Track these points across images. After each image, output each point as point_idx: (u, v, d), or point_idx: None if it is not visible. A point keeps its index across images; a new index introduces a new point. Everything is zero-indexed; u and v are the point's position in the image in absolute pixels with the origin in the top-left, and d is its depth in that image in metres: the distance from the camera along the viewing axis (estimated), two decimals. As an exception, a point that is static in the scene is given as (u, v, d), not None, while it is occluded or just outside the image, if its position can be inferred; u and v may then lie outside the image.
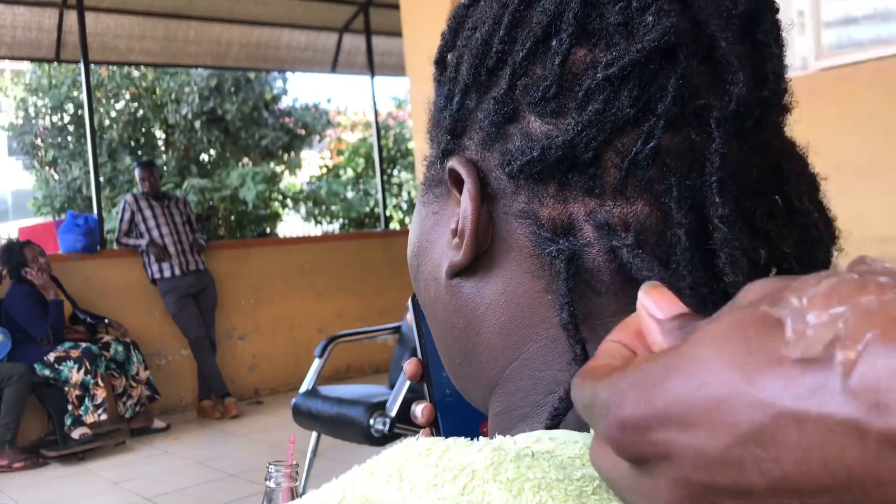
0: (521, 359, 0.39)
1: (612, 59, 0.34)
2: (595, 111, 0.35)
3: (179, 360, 5.44)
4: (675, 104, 0.35)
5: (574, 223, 0.36)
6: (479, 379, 0.42)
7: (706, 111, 0.35)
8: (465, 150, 0.40)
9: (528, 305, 0.38)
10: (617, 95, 0.34)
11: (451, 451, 0.32)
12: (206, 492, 3.66)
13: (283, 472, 0.76)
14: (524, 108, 0.37)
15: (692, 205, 0.35)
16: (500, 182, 0.38)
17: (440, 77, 0.43)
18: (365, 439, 2.92)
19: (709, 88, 0.35)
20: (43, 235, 6.12)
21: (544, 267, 0.37)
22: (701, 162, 0.35)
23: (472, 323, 0.41)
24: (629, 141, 0.35)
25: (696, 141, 0.35)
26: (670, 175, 0.35)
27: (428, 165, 0.44)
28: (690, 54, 0.35)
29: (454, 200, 0.40)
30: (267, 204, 10.93)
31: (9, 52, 5.91)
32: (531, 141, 0.37)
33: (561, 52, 0.36)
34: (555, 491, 0.31)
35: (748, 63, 0.36)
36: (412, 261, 0.45)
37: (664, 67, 0.35)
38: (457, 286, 0.41)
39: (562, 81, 0.36)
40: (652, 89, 0.35)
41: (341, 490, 0.33)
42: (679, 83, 0.34)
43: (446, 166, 0.40)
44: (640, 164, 0.35)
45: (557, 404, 0.36)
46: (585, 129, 0.35)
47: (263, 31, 6.75)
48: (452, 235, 0.40)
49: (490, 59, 0.38)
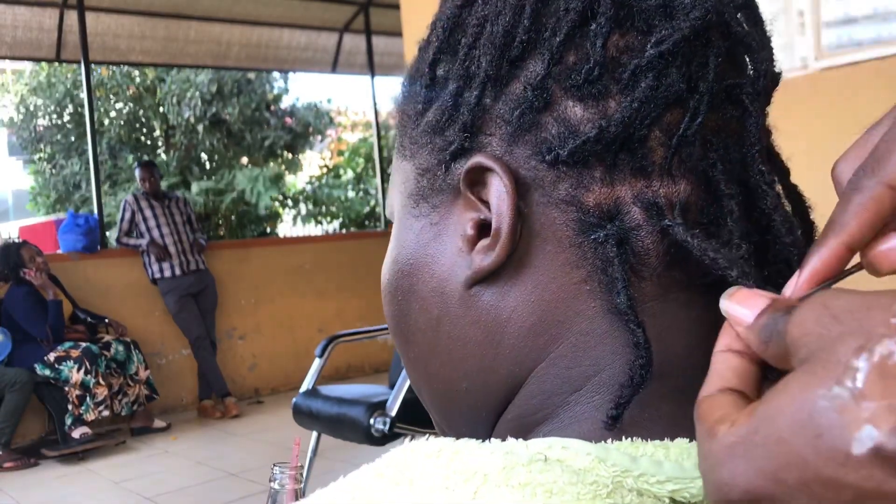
0: (550, 358, 0.38)
1: (662, 36, 0.35)
2: (648, 87, 0.35)
3: (180, 360, 5.44)
4: (717, 81, 0.36)
5: (621, 206, 0.36)
6: (485, 398, 0.40)
7: (738, 89, 0.37)
8: (484, 147, 0.38)
9: (562, 300, 0.37)
10: (667, 72, 0.35)
11: (463, 453, 0.32)
12: (207, 491, 3.66)
13: (288, 474, 0.76)
14: (560, 95, 0.37)
15: (737, 178, 0.37)
16: (535, 173, 0.37)
17: (430, 83, 0.41)
18: (365, 439, 2.92)
19: (734, 67, 0.38)
20: (43, 235, 6.13)
21: (586, 256, 0.36)
22: (739, 136, 0.37)
23: (492, 332, 0.39)
24: (674, 119, 0.36)
25: (734, 116, 0.37)
26: (713, 150, 0.36)
27: (418, 176, 0.42)
28: (720, 36, 0.37)
29: (463, 205, 0.39)
30: (266, 204, 10.93)
31: (9, 51, 5.91)
32: (570, 126, 0.36)
33: (601, 34, 0.36)
34: (567, 496, 0.30)
35: (760, 42, 0.38)
36: (401, 282, 0.43)
37: (705, 46, 0.36)
38: (475, 295, 0.39)
39: (604, 63, 0.36)
40: (694, 67, 0.36)
41: (350, 491, 0.32)
42: (718, 61, 0.36)
43: (459, 169, 0.38)
44: (688, 142, 0.36)
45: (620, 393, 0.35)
46: (642, 105, 0.35)
47: (264, 31, 6.74)
48: (464, 244, 0.39)
49: (513, 49, 0.38)
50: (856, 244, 0.29)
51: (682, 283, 0.37)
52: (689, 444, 0.34)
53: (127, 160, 10.07)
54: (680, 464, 0.33)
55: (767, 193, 0.36)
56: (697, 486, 0.33)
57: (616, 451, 0.33)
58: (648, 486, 0.32)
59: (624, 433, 0.35)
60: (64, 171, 10.47)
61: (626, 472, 0.32)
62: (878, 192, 0.28)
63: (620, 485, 0.32)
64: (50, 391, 4.46)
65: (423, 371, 0.43)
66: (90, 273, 5.13)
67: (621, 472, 0.32)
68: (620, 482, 0.32)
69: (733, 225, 0.36)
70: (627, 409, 0.35)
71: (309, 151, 12.31)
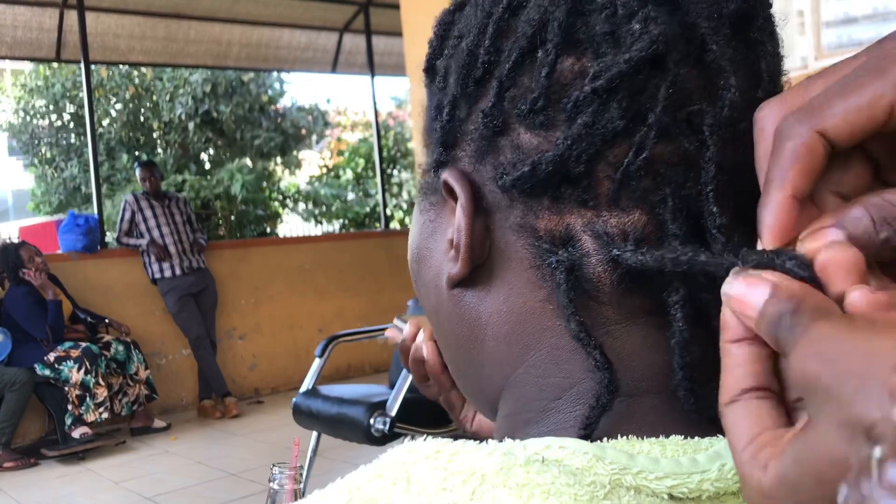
0: (525, 366, 0.38)
1: (599, 70, 0.33)
2: (584, 124, 0.34)
3: (180, 360, 5.45)
4: (666, 113, 0.34)
5: (572, 234, 0.36)
6: (483, 385, 0.41)
7: (699, 117, 0.34)
8: (458, 161, 0.39)
9: (530, 315, 0.38)
10: (606, 107, 0.33)
11: (461, 454, 0.32)
12: (207, 491, 3.66)
13: (287, 474, 0.76)
14: (513, 120, 0.36)
15: (689, 213, 0.34)
16: (495, 195, 0.37)
17: (430, 86, 0.42)
18: (365, 439, 2.92)
19: (702, 92, 0.34)
20: (43, 235, 6.13)
21: (545, 278, 0.37)
22: (696, 171, 0.34)
23: (475, 331, 0.40)
24: (621, 152, 0.34)
25: (690, 149, 0.34)
26: (664, 185, 0.34)
27: (423, 173, 0.43)
28: (681, 60, 0.34)
29: (450, 210, 0.39)
30: (266, 204, 10.93)
31: (9, 51, 5.91)
32: (522, 154, 0.36)
33: (547, 62, 0.35)
34: (564, 497, 0.30)
35: (742, 64, 0.35)
36: (413, 266, 0.45)
37: (654, 76, 0.34)
38: (458, 296, 0.40)
39: (549, 93, 0.35)
40: (642, 99, 0.34)
41: (348, 491, 0.32)
42: (669, 91, 0.33)
43: (440, 177, 0.39)
44: (633, 176, 0.34)
45: (588, 412, 0.35)
46: (575, 143, 0.34)
47: (264, 31, 6.74)
48: (449, 246, 0.39)
49: (477, 69, 0.37)
50: (800, 193, 0.28)
51: (647, 309, 0.36)
52: (684, 440, 0.34)
53: (123, 160, 10.07)
54: (676, 459, 0.34)
55: (716, 239, 0.33)
56: (695, 481, 0.33)
57: (613, 450, 0.33)
58: (647, 483, 0.33)
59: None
60: (64, 173, 10.47)
61: (625, 469, 0.33)
62: (810, 139, 0.27)
63: (618, 484, 0.32)
64: (50, 391, 4.46)
65: (440, 343, 0.45)
66: (90, 273, 5.13)
67: (619, 469, 0.32)
68: (619, 481, 0.32)
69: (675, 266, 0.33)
70: (598, 425, 0.35)
71: (308, 151, 12.31)
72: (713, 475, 0.33)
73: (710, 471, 0.33)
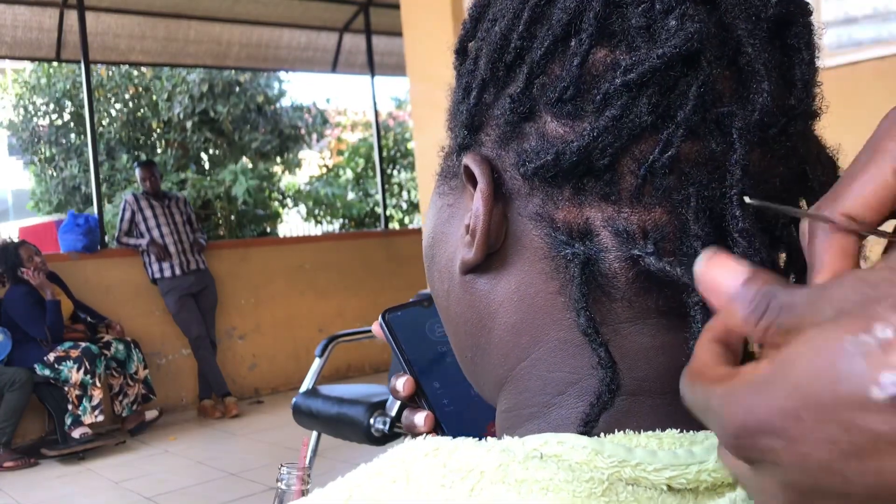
0: (531, 358, 0.38)
1: (631, 64, 0.33)
2: (612, 117, 0.33)
3: (180, 360, 5.44)
4: (696, 112, 0.33)
5: (591, 228, 0.35)
6: (489, 374, 0.41)
7: (729, 119, 0.34)
8: (481, 145, 0.39)
9: (541, 307, 0.38)
10: (635, 102, 0.33)
11: (459, 451, 0.32)
12: (207, 491, 3.66)
13: (295, 475, 0.76)
14: (541, 108, 0.36)
15: (711, 215, 0.34)
16: (516, 182, 0.37)
17: (459, 68, 0.42)
18: (365, 439, 2.92)
19: (733, 94, 0.34)
20: (43, 235, 6.13)
21: (559, 269, 0.36)
22: (721, 172, 0.34)
23: (484, 319, 0.40)
24: (647, 148, 0.34)
25: (717, 150, 0.34)
26: (689, 185, 0.34)
27: (445, 156, 0.43)
28: (715, 60, 0.33)
29: (469, 195, 0.39)
30: (266, 204, 10.92)
31: (9, 51, 5.91)
32: (546, 142, 0.35)
33: (580, 52, 0.34)
34: (563, 493, 0.31)
35: (775, 69, 0.34)
36: (427, 251, 0.44)
37: (686, 74, 0.33)
38: (470, 282, 0.40)
39: (580, 83, 0.34)
40: (672, 96, 0.33)
41: (348, 490, 0.32)
42: (701, 91, 0.33)
43: (461, 161, 0.39)
44: (658, 173, 0.34)
45: (589, 410, 0.35)
46: (602, 135, 0.33)
47: (264, 30, 6.74)
48: (465, 231, 0.39)
49: (508, 54, 0.37)
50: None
51: (661, 309, 0.36)
52: (681, 433, 0.35)
53: (123, 160, 10.07)
54: (673, 451, 0.34)
55: (738, 242, 0.33)
56: (692, 472, 0.33)
57: (611, 444, 0.33)
58: (645, 475, 0.33)
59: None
60: (63, 173, 10.47)
61: (624, 462, 0.33)
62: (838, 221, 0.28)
63: (616, 478, 0.32)
64: (50, 391, 4.46)
65: (448, 330, 0.45)
66: (90, 273, 5.13)
67: (618, 462, 0.33)
68: (617, 475, 0.32)
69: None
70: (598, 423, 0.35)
71: (308, 151, 12.31)
72: (710, 465, 0.33)
73: (707, 461, 0.34)
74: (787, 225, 0.36)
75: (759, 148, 0.34)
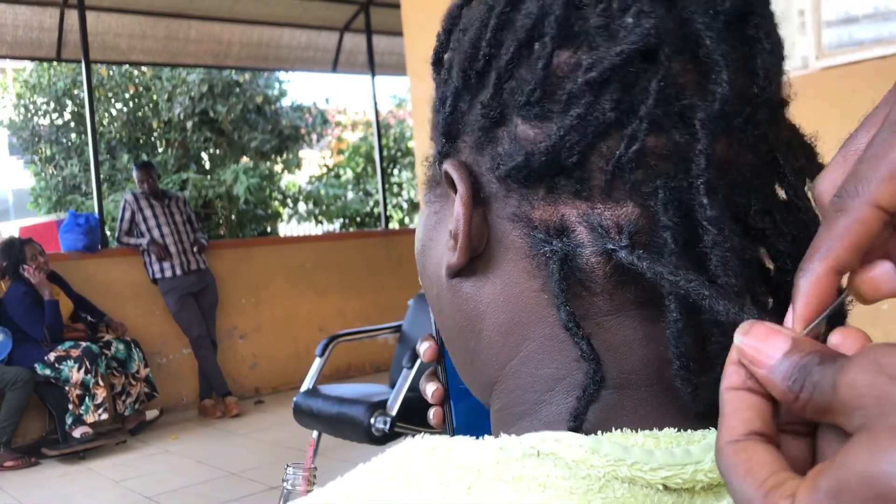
0: (519, 357, 0.39)
1: (592, 63, 0.34)
2: (577, 115, 0.34)
3: (180, 360, 5.45)
4: (658, 106, 0.34)
5: (567, 225, 0.36)
6: (482, 374, 0.42)
7: (691, 111, 0.34)
8: (459, 152, 0.40)
9: (526, 305, 0.38)
10: (598, 100, 0.34)
11: (457, 449, 0.32)
12: (207, 490, 3.67)
13: (301, 475, 0.76)
14: (511, 112, 0.37)
15: (680, 206, 0.34)
16: (493, 185, 0.38)
17: (437, 78, 0.43)
18: (366, 438, 2.93)
19: (696, 87, 0.35)
20: (44, 235, 6.13)
21: (540, 267, 0.37)
22: (687, 164, 0.34)
23: (473, 321, 0.41)
24: (613, 144, 0.35)
25: (682, 142, 0.34)
26: (656, 177, 0.34)
27: (429, 165, 0.44)
28: (674, 54, 0.34)
29: (452, 201, 0.40)
30: (266, 203, 10.93)
31: (10, 51, 5.92)
32: (517, 144, 0.36)
33: (544, 55, 0.35)
34: (560, 490, 0.31)
35: (736, 60, 0.35)
36: (419, 258, 0.46)
37: (646, 69, 0.34)
38: (457, 285, 0.41)
39: (545, 85, 0.35)
40: (634, 91, 0.34)
41: (347, 489, 0.33)
42: (661, 85, 0.34)
43: (442, 169, 0.40)
44: (625, 167, 0.34)
45: (576, 404, 0.36)
46: (568, 134, 0.34)
47: (264, 30, 6.75)
48: (450, 237, 0.40)
49: (478, 62, 0.38)
50: (844, 268, 0.28)
51: (640, 301, 0.36)
52: (677, 432, 0.35)
53: (123, 160, 10.08)
54: (670, 451, 0.34)
55: (708, 230, 0.34)
56: (689, 472, 0.33)
57: (608, 442, 0.34)
58: (642, 475, 0.33)
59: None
60: (64, 172, 10.48)
61: (620, 461, 0.33)
62: (864, 213, 0.27)
63: (613, 476, 0.33)
64: (50, 390, 4.47)
65: (443, 335, 0.46)
66: (90, 272, 5.13)
67: (615, 461, 0.33)
68: (613, 473, 0.33)
69: (668, 258, 0.34)
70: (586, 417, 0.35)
71: (308, 151, 12.31)
72: (707, 466, 0.34)
73: (703, 461, 0.34)
74: (762, 212, 0.36)
75: (725, 138, 0.35)
